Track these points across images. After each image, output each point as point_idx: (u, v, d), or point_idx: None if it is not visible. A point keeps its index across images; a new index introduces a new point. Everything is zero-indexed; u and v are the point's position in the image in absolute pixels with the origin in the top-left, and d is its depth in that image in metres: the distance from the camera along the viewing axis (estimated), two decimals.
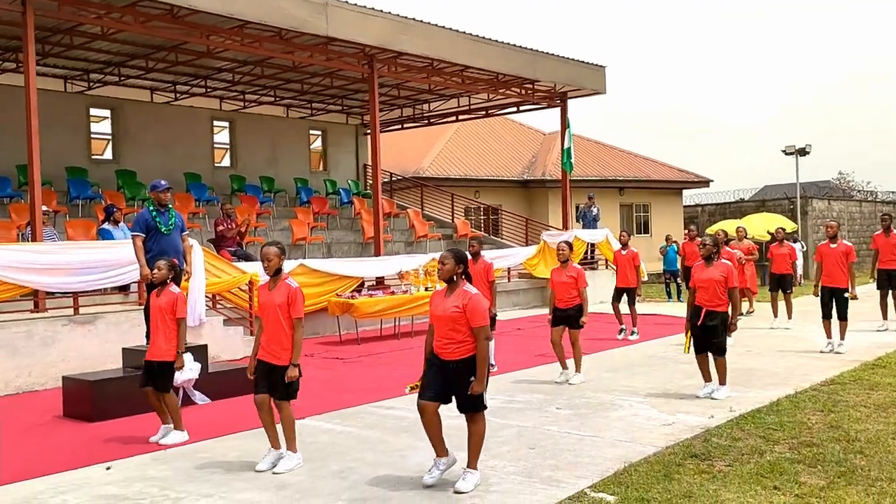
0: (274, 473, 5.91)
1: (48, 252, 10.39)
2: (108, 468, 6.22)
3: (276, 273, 6.13)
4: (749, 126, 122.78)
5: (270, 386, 6.03)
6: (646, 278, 17.40)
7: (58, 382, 9.39)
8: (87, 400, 7.94)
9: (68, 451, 6.77)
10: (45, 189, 13.45)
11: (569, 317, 9.44)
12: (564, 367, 9.47)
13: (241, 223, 15.51)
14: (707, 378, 8.40)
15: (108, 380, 7.98)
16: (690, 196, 36.49)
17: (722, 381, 8.32)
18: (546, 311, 10.02)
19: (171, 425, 7.08)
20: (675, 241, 20.77)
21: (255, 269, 12.35)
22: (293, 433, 6.12)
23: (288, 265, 13.16)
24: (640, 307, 14.80)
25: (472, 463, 5.55)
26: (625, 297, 13.78)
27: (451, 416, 5.79)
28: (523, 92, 20.29)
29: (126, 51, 15.89)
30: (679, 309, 17.64)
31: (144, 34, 13.86)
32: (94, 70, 17.35)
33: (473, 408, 5.50)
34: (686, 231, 18.64)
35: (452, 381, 5.47)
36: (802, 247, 27.12)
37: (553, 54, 19.29)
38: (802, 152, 31.09)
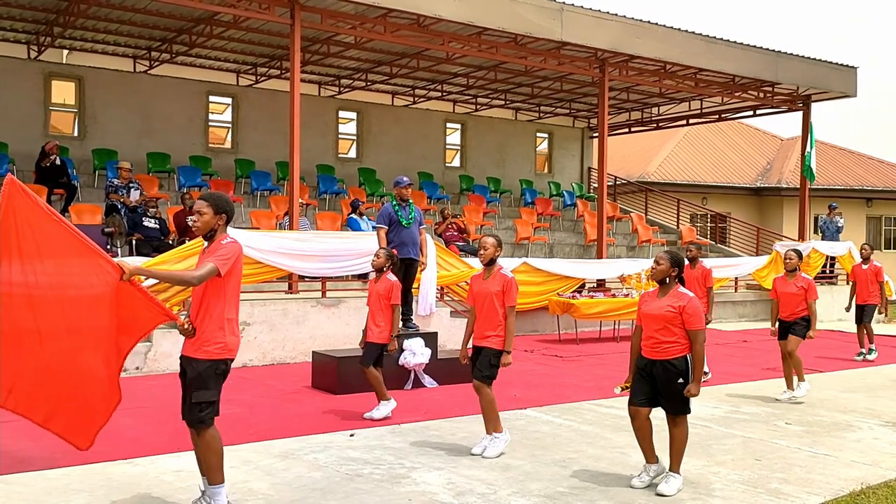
0: (483, 457, 6.21)
1: (304, 240, 11.56)
2: (351, 435, 6.91)
3: (490, 263, 6.43)
4: None
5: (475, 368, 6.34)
6: (893, 297, 15.95)
7: (306, 357, 10.48)
8: (332, 374, 8.79)
9: (317, 418, 7.58)
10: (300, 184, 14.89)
11: (794, 329, 9.00)
12: (790, 386, 9.00)
13: (458, 220, 16.35)
14: None
15: (352, 357, 8.73)
16: None
17: None
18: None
19: (388, 401, 7.57)
20: None
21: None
22: (494, 414, 6.34)
23: (511, 263, 13.70)
24: (881, 329, 13.64)
25: (674, 466, 5.53)
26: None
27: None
28: (761, 95, 19.35)
29: (373, 58, 17.19)
30: None
31: (391, 42, 14.92)
32: (344, 76, 18.94)
33: (677, 410, 5.49)
34: None
35: (659, 381, 5.47)
36: None
37: (796, 55, 18.21)
38: None
